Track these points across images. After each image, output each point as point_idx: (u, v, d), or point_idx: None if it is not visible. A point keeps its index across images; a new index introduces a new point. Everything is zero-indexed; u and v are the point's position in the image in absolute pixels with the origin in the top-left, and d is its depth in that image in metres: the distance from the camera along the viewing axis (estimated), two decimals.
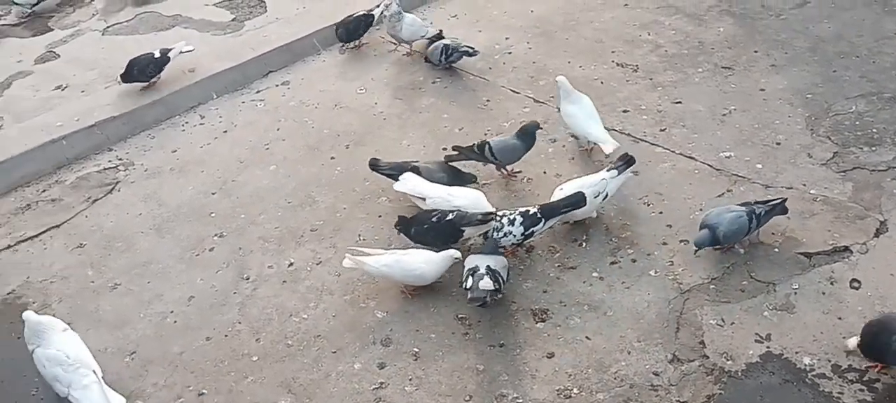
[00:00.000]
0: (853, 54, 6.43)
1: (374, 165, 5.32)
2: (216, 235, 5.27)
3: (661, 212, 5.00)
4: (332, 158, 5.88)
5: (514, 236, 4.61)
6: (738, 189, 5.10)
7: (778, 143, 5.50)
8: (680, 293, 4.44)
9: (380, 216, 5.24)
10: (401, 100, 6.51)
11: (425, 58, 6.91)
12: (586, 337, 4.25)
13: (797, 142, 5.50)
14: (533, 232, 4.64)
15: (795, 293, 4.35)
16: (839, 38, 6.66)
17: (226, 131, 6.37)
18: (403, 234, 4.82)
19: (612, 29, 7.18)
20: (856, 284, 4.37)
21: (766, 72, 6.32)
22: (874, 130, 5.52)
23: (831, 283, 4.39)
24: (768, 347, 4.09)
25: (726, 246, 4.58)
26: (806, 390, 3.88)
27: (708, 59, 6.56)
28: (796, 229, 4.75)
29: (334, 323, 4.53)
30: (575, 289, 4.54)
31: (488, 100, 6.35)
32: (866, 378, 3.89)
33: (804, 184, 5.09)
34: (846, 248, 4.59)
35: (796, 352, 4.05)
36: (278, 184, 5.69)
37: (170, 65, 6.75)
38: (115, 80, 6.76)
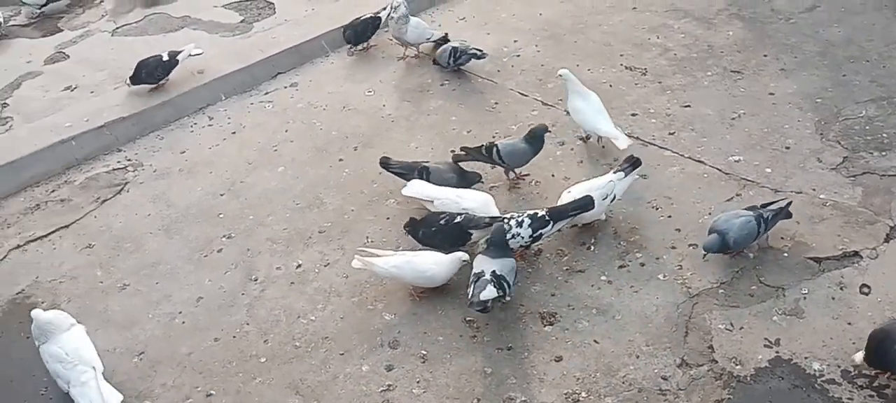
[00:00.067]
0: (863, 59, 6.40)
1: (385, 164, 5.33)
2: (224, 236, 5.28)
3: (669, 216, 4.99)
4: (341, 160, 5.89)
5: (522, 238, 4.60)
6: (747, 193, 5.08)
7: (787, 148, 5.48)
8: (689, 297, 4.43)
9: (388, 218, 5.24)
10: (409, 102, 6.51)
11: (433, 60, 6.92)
12: (594, 341, 4.24)
13: (806, 146, 5.48)
14: (541, 234, 4.63)
15: (805, 298, 4.33)
16: (849, 42, 6.64)
17: (234, 132, 6.39)
18: (412, 236, 4.82)
19: (621, 32, 7.17)
20: (866, 289, 4.34)
21: (776, 76, 6.30)
22: (884, 135, 5.50)
23: (841, 288, 4.37)
24: (777, 352, 4.07)
25: (736, 251, 4.56)
26: (815, 395, 3.86)
27: (717, 63, 6.54)
28: (806, 234, 4.73)
29: (342, 325, 4.53)
30: (583, 293, 4.53)
31: (496, 103, 6.35)
32: (876, 384, 3.87)
33: (813, 189, 5.07)
34: (856, 253, 4.56)
35: (805, 357, 4.03)
36: (286, 185, 5.70)
37: (178, 66, 6.78)
38: (124, 82, 6.79)
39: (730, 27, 7.05)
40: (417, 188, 5.09)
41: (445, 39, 6.96)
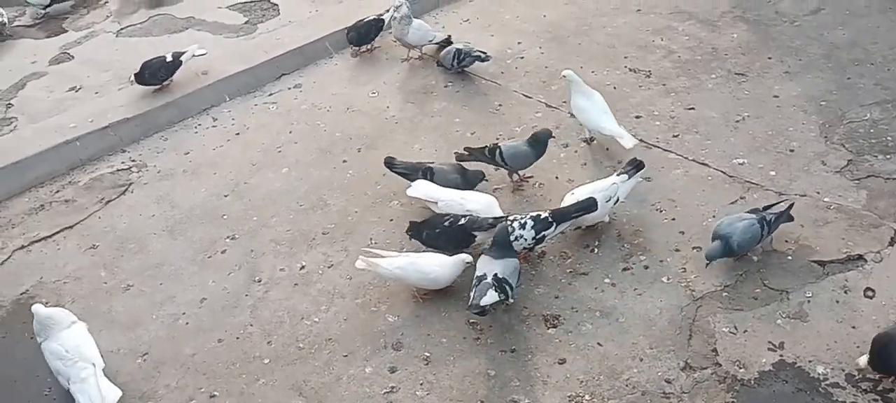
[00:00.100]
0: (868, 61, 6.39)
1: (389, 164, 5.33)
2: (228, 237, 5.29)
3: (673, 219, 4.98)
4: (344, 161, 5.89)
5: (525, 240, 4.59)
6: (752, 196, 5.07)
7: (791, 151, 5.47)
8: (693, 300, 4.42)
9: (391, 219, 5.24)
10: (412, 104, 6.51)
11: (437, 62, 6.93)
12: (598, 344, 4.24)
13: (811, 149, 5.47)
14: (544, 236, 4.62)
15: (809, 301, 4.33)
16: (854, 44, 6.63)
17: (238, 134, 6.40)
18: (415, 239, 4.82)
19: (625, 34, 7.17)
20: (870, 293, 4.33)
21: (780, 78, 6.29)
22: (889, 138, 5.49)
23: (845, 292, 4.36)
24: (781, 355, 4.07)
25: (740, 255, 4.55)
26: (819, 399, 3.85)
27: (721, 66, 6.54)
28: (810, 237, 4.72)
29: (346, 327, 4.53)
30: (587, 295, 4.53)
31: (500, 105, 6.35)
32: (880, 388, 3.86)
33: (818, 192, 5.06)
34: (860, 257, 4.55)
35: (810, 361, 4.02)
36: (290, 186, 5.70)
37: (182, 67, 6.79)
38: (128, 81, 6.79)
39: (734, 30, 7.05)
40: (422, 189, 5.09)
41: (449, 42, 6.97)
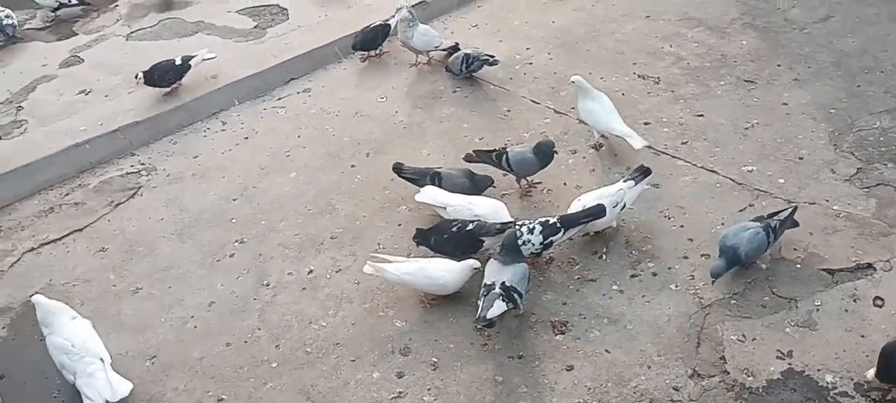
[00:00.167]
0: (878, 69, 6.37)
1: (398, 169, 5.34)
2: (237, 241, 5.30)
3: (682, 226, 4.98)
4: (353, 166, 5.90)
5: (533, 245, 4.60)
6: (760, 203, 5.06)
7: (801, 158, 5.46)
8: (701, 307, 4.41)
9: (399, 224, 5.25)
10: (421, 108, 6.52)
11: (446, 67, 6.93)
12: (606, 351, 4.23)
13: (820, 157, 5.46)
14: (551, 241, 4.63)
15: (818, 309, 4.31)
16: (863, 52, 6.61)
17: (247, 138, 6.42)
18: (422, 245, 4.82)
19: (634, 40, 7.16)
20: (879, 302, 4.32)
21: (790, 86, 6.28)
22: None
23: (854, 301, 4.35)
24: (790, 364, 4.06)
25: (748, 264, 4.54)
26: None
27: (730, 73, 6.53)
28: (819, 245, 4.71)
29: (353, 331, 4.53)
30: (594, 302, 4.52)
31: (509, 111, 6.35)
32: (889, 398, 3.84)
33: (827, 200, 5.05)
34: (869, 265, 4.54)
35: (818, 370, 4.01)
36: (299, 191, 5.72)
37: (192, 71, 6.81)
38: (135, 79, 6.80)
39: (743, 37, 7.03)
40: (430, 194, 5.10)
41: (456, 48, 6.97)
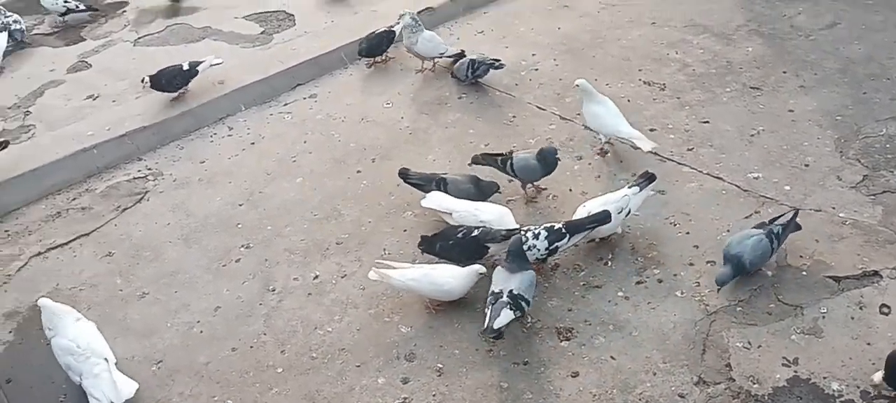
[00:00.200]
0: (884, 76, 6.36)
1: (404, 175, 5.36)
2: (243, 246, 5.31)
3: (687, 233, 4.97)
4: (358, 172, 5.92)
5: (539, 250, 4.60)
6: (766, 210, 5.05)
7: (806, 165, 5.45)
8: (706, 314, 4.41)
9: (405, 230, 5.26)
10: (426, 114, 6.54)
11: (451, 73, 6.95)
12: (611, 357, 4.23)
13: (826, 164, 5.45)
14: (557, 247, 4.63)
15: (824, 317, 4.30)
16: (870, 59, 6.61)
17: (253, 143, 6.44)
18: (428, 252, 4.83)
19: (640, 47, 7.17)
20: (885, 309, 4.30)
21: (795, 92, 6.28)
22: None
23: (860, 308, 4.33)
24: (796, 371, 4.04)
25: (753, 271, 4.53)
26: None
27: (736, 79, 6.53)
28: (825, 252, 4.70)
29: (358, 337, 4.54)
30: (600, 308, 4.52)
31: (514, 117, 6.36)
32: None
33: (833, 207, 5.04)
34: (876, 273, 4.52)
35: (824, 377, 3.99)
36: (305, 196, 5.73)
37: (199, 76, 6.85)
38: (141, 83, 6.83)
39: (749, 43, 7.04)
40: (436, 200, 5.11)
41: (462, 55, 6.98)
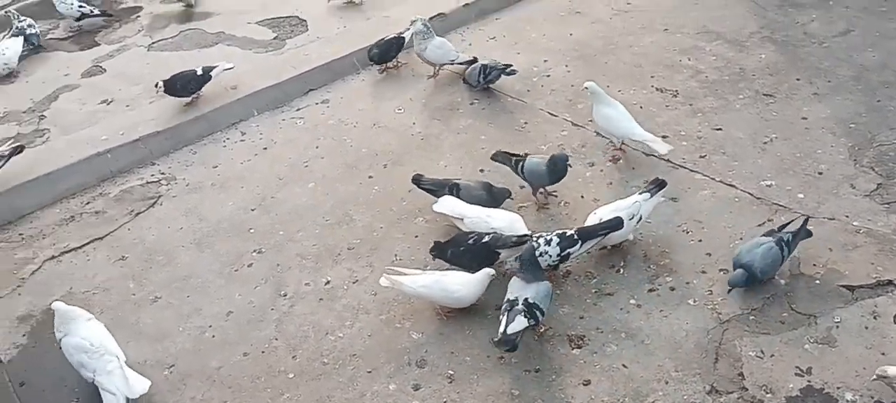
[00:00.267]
0: None
1: (417, 180, 5.37)
2: (255, 251, 5.33)
3: (700, 240, 4.95)
4: (370, 177, 5.93)
5: (550, 256, 4.59)
6: (779, 218, 5.01)
7: (820, 173, 5.42)
8: (719, 323, 4.39)
9: (416, 236, 5.26)
10: (438, 120, 6.54)
11: (463, 79, 6.96)
12: (623, 365, 4.22)
13: (840, 172, 5.42)
14: (569, 253, 4.62)
15: (837, 326, 4.27)
16: (884, 66, 6.57)
17: (266, 148, 6.46)
18: (439, 259, 4.83)
19: (652, 54, 7.16)
20: None
21: (809, 100, 6.25)
22: None
23: (874, 317, 4.30)
24: (809, 381, 4.02)
25: (764, 280, 4.51)
26: None
27: (749, 86, 6.50)
28: (838, 261, 4.67)
29: (370, 343, 4.54)
30: (612, 316, 4.51)
31: (526, 123, 6.36)
32: None
33: (847, 216, 5.01)
34: (890, 282, 4.49)
35: (838, 387, 3.97)
36: (316, 201, 5.74)
37: (212, 81, 6.89)
38: (155, 88, 6.86)
39: (762, 50, 7.01)
40: (448, 205, 5.12)
41: (473, 62, 6.97)
